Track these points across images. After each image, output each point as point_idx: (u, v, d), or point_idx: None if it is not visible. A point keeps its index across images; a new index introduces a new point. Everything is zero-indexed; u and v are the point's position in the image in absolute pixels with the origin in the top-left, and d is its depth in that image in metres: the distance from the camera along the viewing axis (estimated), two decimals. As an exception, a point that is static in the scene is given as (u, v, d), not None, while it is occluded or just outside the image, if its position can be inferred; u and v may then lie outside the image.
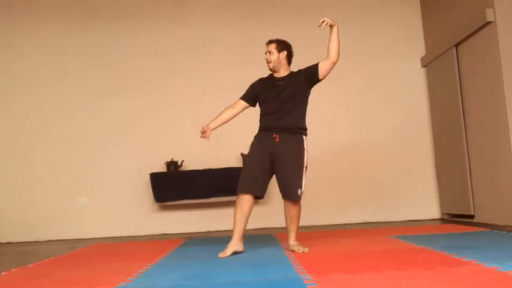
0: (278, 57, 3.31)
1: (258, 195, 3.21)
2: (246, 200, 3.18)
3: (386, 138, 5.71)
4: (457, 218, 5.22)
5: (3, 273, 2.83)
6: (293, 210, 3.22)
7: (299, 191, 3.17)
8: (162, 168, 5.48)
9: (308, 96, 3.35)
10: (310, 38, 6.00)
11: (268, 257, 3.04)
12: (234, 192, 4.17)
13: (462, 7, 4.94)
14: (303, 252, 3.10)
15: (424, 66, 5.83)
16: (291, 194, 3.17)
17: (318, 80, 3.35)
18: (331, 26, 3.23)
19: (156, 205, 5.49)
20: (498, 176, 4.44)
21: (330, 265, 2.62)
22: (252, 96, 3.39)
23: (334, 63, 3.29)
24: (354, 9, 5.89)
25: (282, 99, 3.20)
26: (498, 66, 4.33)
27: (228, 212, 5.32)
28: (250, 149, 3.27)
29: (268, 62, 3.32)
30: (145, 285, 2.29)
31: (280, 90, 3.23)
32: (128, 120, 5.68)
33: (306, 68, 3.34)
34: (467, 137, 4.97)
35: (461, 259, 2.52)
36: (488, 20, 4.38)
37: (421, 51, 5.88)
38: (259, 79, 3.45)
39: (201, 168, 5.31)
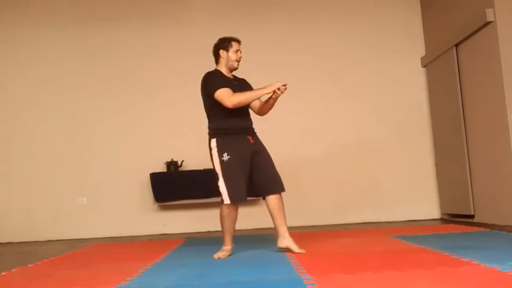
0: None
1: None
2: (235, 209, 3.16)
3: (387, 138, 5.71)
4: (457, 218, 5.22)
5: (3, 273, 2.82)
6: (281, 201, 3.16)
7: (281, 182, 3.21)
8: (162, 168, 5.48)
9: None
10: (307, 40, 6.05)
11: (268, 257, 3.03)
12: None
13: (462, 7, 4.94)
14: (300, 252, 3.04)
15: (424, 66, 5.83)
16: (281, 185, 3.18)
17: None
18: (275, 99, 3.23)
19: (156, 205, 5.49)
20: (498, 176, 4.44)
21: (330, 265, 2.61)
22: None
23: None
24: (353, 9, 5.89)
25: None
26: (498, 66, 4.33)
27: (228, 212, 5.35)
28: (230, 155, 3.09)
29: (239, 61, 3.28)
30: (145, 285, 2.29)
31: (238, 90, 3.19)
32: (128, 120, 5.68)
33: (245, 81, 3.38)
34: (467, 137, 4.97)
35: (461, 259, 2.52)
36: (488, 20, 4.37)
37: (421, 51, 5.88)
38: (218, 72, 3.29)
39: (201, 168, 5.31)
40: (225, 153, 3.11)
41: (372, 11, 5.93)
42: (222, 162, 3.11)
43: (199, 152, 5.47)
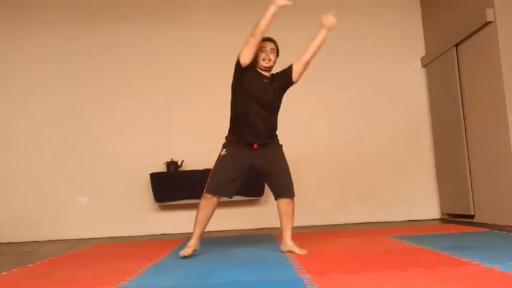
0: (275, 59, 3.26)
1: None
2: (212, 203, 3.18)
3: (386, 138, 5.72)
4: (457, 218, 5.22)
5: (3, 273, 2.82)
6: (290, 206, 3.20)
7: (293, 187, 3.23)
8: (162, 168, 5.49)
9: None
10: (307, 40, 6.03)
11: (268, 257, 3.03)
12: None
13: (462, 7, 4.95)
14: (303, 253, 3.05)
15: (424, 66, 5.84)
16: (291, 191, 3.20)
17: (292, 83, 3.25)
18: (328, 29, 3.19)
19: (156, 205, 5.49)
20: (498, 176, 4.44)
21: (330, 265, 2.61)
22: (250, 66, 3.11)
23: (307, 64, 3.19)
24: (353, 9, 5.89)
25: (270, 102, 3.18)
26: (498, 66, 4.34)
27: (228, 212, 5.35)
28: (227, 152, 3.20)
29: (269, 60, 3.18)
30: (145, 285, 2.29)
31: (269, 90, 3.16)
32: (128, 120, 5.68)
33: (281, 72, 3.28)
34: (467, 137, 4.97)
35: (461, 259, 2.52)
36: (488, 20, 4.38)
37: (421, 51, 5.89)
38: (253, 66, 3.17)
39: (201, 168, 5.31)
40: (225, 149, 3.19)
41: (372, 11, 5.93)
42: (219, 156, 3.20)
43: (199, 152, 5.51)
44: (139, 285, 2.30)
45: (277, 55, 3.31)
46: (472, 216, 4.88)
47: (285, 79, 3.25)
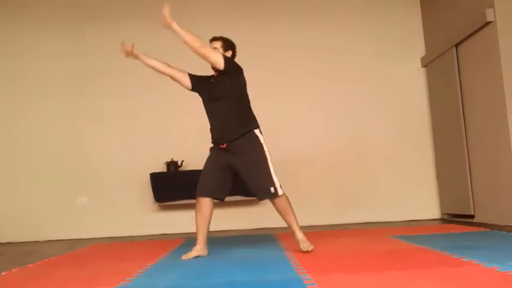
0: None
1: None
2: (204, 205, 3.21)
3: (387, 138, 5.71)
4: (457, 218, 5.22)
5: (3, 273, 2.82)
6: (280, 204, 3.13)
7: (272, 189, 3.08)
8: (162, 168, 5.48)
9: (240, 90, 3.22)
10: (307, 40, 6.05)
11: (268, 257, 3.03)
12: (233, 192, 4.19)
13: (462, 7, 4.94)
14: (308, 250, 3.03)
15: (424, 66, 5.83)
16: (266, 194, 3.12)
17: (225, 73, 3.18)
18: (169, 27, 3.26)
19: (156, 205, 5.49)
20: (498, 176, 4.44)
21: (330, 265, 2.61)
22: (197, 81, 3.36)
23: (200, 54, 3.25)
24: (353, 9, 5.89)
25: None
26: (498, 66, 4.33)
27: (228, 212, 5.35)
28: (210, 153, 3.31)
29: None
30: (145, 285, 2.29)
31: (216, 86, 3.23)
32: (128, 120, 5.68)
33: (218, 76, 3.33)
34: (467, 137, 4.97)
35: (461, 259, 2.52)
36: (488, 20, 4.37)
37: (421, 51, 5.88)
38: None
39: (201, 168, 5.29)
40: (209, 152, 3.31)
41: (372, 11, 5.93)
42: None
43: (199, 152, 5.49)
44: (139, 285, 2.30)
45: (226, 50, 3.39)
46: (472, 216, 4.88)
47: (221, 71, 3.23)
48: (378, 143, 5.70)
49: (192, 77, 3.42)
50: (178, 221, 5.48)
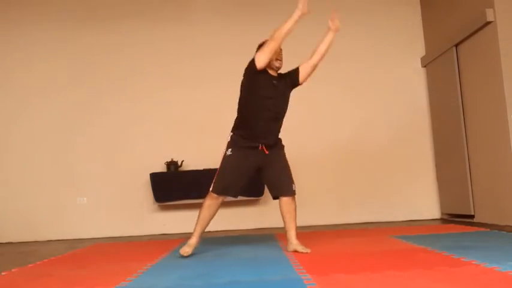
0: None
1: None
2: (217, 203, 3.22)
3: (387, 138, 5.71)
4: (457, 218, 5.22)
5: (3, 273, 2.83)
6: (292, 205, 3.21)
7: (293, 186, 3.24)
8: (162, 168, 5.49)
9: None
10: (307, 40, 6.03)
11: (268, 257, 3.03)
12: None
13: (462, 7, 4.94)
14: (306, 252, 3.06)
15: (424, 66, 5.83)
16: (289, 189, 3.21)
17: (298, 85, 3.30)
18: (335, 32, 3.25)
19: (156, 205, 5.49)
20: (498, 176, 4.44)
21: (330, 265, 2.62)
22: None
23: (316, 66, 3.26)
24: (353, 9, 5.89)
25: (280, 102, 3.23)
26: (498, 66, 4.33)
27: (228, 212, 5.34)
28: (232, 152, 3.20)
29: (281, 61, 3.26)
30: (145, 285, 2.29)
31: (278, 92, 3.21)
32: (128, 120, 5.68)
33: (287, 73, 3.32)
34: (467, 137, 4.97)
35: (461, 259, 2.52)
36: (488, 20, 4.37)
37: (421, 51, 5.88)
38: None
39: (201, 168, 5.31)
40: (230, 149, 3.17)
41: (372, 11, 5.93)
42: (224, 155, 3.19)
43: (199, 152, 5.52)
44: (139, 285, 2.30)
45: None
46: (472, 216, 4.88)
47: (291, 80, 3.28)
48: (378, 143, 5.70)
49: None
50: (178, 221, 5.49)
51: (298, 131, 5.65)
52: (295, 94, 3.57)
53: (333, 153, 5.65)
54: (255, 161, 3.16)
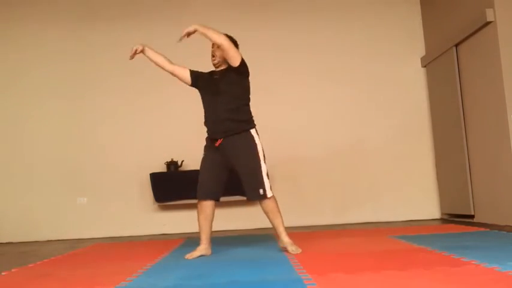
0: (221, 54, 3.25)
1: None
2: (206, 206, 3.21)
3: (387, 138, 5.71)
4: (457, 218, 5.22)
5: (3, 273, 2.83)
6: (267, 206, 3.16)
7: (261, 190, 3.10)
8: (162, 168, 5.48)
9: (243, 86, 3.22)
10: (307, 40, 6.05)
11: (268, 257, 3.03)
12: (233, 192, 4.19)
13: (462, 7, 4.94)
14: (296, 252, 3.04)
15: (424, 66, 5.83)
16: (254, 194, 3.14)
17: (236, 69, 3.19)
18: (195, 31, 3.20)
19: (156, 205, 5.49)
20: (498, 176, 4.44)
21: (330, 265, 2.61)
22: (197, 77, 3.43)
23: (225, 48, 3.15)
24: (353, 9, 5.89)
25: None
26: (498, 66, 4.33)
27: (228, 212, 5.35)
28: (204, 153, 3.29)
29: (213, 57, 3.32)
30: (145, 285, 2.29)
31: (218, 82, 3.24)
32: (128, 120, 5.68)
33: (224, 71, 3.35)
34: (467, 137, 4.97)
35: (461, 259, 2.52)
36: (488, 20, 4.37)
37: (421, 51, 5.88)
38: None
39: (201, 168, 5.30)
40: (203, 152, 3.26)
41: (372, 11, 5.93)
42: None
43: (199, 152, 5.49)
44: (139, 285, 2.30)
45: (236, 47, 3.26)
46: (472, 216, 4.88)
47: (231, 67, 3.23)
48: (378, 143, 5.70)
49: (193, 72, 3.47)
50: (178, 221, 5.49)
51: (298, 131, 5.66)
52: (295, 94, 3.58)
53: (332, 153, 5.65)
54: (219, 157, 3.15)
